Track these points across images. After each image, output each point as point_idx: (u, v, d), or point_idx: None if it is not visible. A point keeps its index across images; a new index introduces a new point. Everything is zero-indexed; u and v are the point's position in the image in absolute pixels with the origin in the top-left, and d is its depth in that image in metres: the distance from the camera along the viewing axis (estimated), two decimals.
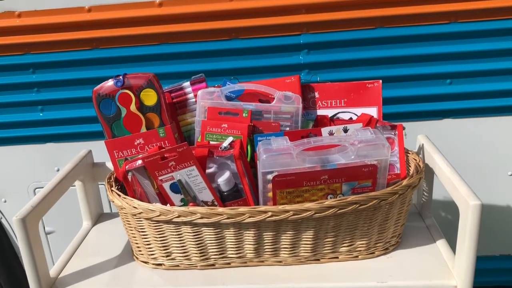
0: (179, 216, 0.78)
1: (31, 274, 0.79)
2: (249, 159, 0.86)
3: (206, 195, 0.82)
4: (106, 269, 0.87)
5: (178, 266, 0.85)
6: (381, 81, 0.94)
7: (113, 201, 0.82)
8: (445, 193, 0.82)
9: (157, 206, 0.79)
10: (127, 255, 0.90)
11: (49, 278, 0.83)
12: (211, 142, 0.88)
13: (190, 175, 0.80)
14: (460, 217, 0.76)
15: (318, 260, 0.84)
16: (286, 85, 0.93)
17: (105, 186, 0.86)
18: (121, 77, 0.86)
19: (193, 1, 1.12)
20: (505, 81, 1.16)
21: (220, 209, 0.77)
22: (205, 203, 0.82)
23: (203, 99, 0.90)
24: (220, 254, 0.83)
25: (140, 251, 0.86)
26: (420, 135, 0.97)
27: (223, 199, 0.83)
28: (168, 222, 0.79)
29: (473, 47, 1.14)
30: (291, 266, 0.84)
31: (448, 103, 1.18)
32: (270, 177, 0.77)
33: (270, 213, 0.76)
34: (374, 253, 0.85)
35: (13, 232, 1.35)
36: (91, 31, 1.15)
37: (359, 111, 0.94)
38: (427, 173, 0.92)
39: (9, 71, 1.20)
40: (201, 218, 0.77)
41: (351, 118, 0.95)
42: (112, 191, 0.84)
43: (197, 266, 0.84)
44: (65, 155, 1.24)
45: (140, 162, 0.81)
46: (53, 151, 1.27)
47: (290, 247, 0.82)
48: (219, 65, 1.16)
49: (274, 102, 0.90)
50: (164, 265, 0.85)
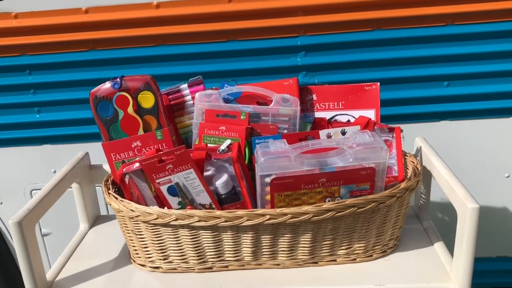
0: (176, 219, 0.77)
1: (27, 277, 0.79)
2: (247, 162, 0.86)
3: (203, 198, 0.81)
4: (103, 272, 0.86)
5: (175, 269, 0.84)
6: (379, 83, 0.94)
7: (110, 204, 0.82)
8: (442, 195, 0.83)
9: (155, 209, 0.79)
10: (124, 258, 0.90)
11: (46, 281, 0.83)
12: (208, 144, 0.88)
13: (187, 178, 0.80)
14: (458, 220, 0.76)
15: (316, 263, 0.84)
16: (284, 88, 0.93)
17: (102, 188, 0.86)
18: (119, 80, 0.85)
19: (190, 3, 1.11)
20: (503, 83, 1.16)
21: (217, 212, 0.77)
22: (203, 206, 0.82)
23: (200, 101, 0.90)
24: (217, 257, 0.83)
25: (137, 254, 0.86)
26: (417, 138, 0.97)
27: (221, 202, 0.83)
28: (165, 225, 0.79)
29: (471, 49, 1.14)
30: (289, 269, 0.84)
31: (445, 105, 1.19)
32: (268, 180, 0.77)
33: (268, 216, 0.76)
34: (372, 256, 0.85)
35: (9, 234, 1.34)
36: (88, 32, 1.14)
37: (357, 113, 0.94)
38: (425, 176, 0.92)
39: (5, 73, 1.20)
40: (199, 221, 0.77)
41: (349, 120, 0.95)
42: (109, 194, 0.83)
43: (194, 269, 0.84)
44: (62, 157, 1.23)
45: (137, 165, 0.80)
46: (50, 153, 1.27)
47: (288, 250, 0.82)
48: (217, 67, 1.16)
49: (272, 104, 0.90)
50: (161, 268, 0.85)
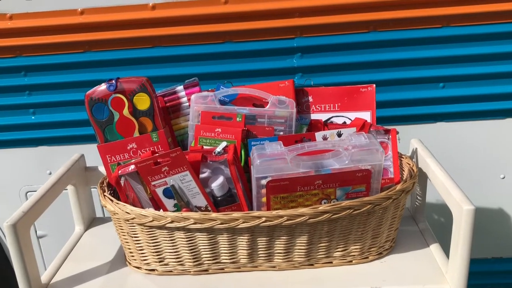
0: (172, 221, 0.77)
1: (22, 280, 0.78)
2: (243, 164, 0.86)
3: (199, 200, 0.81)
4: (98, 274, 0.86)
5: (171, 271, 0.84)
6: (374, 85, 0.94)
7: (106, 206, 0.81)
8: (438, 196, 0.83)
9: (150, 211, 0.78)
10: (120, 260, 0.90)
11: (41, 284, 0.82)
12: (204, 146, 0.88)
13: (183, 180, 0.79)
14: (453, 221, 0.76)
15: (312, 265, 0.84)
16: (280, 89, 0.93)
17: (98, 190, 0.86)
18: (114, 81, 0.85)
19: (186, 4, 1.11)
20: (498, 84, 1.17)
21: (213, 215, 0.77)
22: (199, 208, 0.82)
23: (196, 103, 0.90)
24: (213, 259, 0.83)
25: (132, 256, 0.86)
26: (413, 139, 0.98)
27: (217, 204, 0.82)
28: (161, 227, 0.79)
29: (466, 51, 1.14)
30: (285, 271, 0.84)
31: (441, 106, 1.19)
32: (264, 182, 0.77)
33: (264, 219, 0.76)
34: (368, 257, 0.85)
35: (4, 236, 1.33)
36: (84, 33, 1.14)
37: (353, 115, 0.94)
38: (421, 177, 0.92)
39: (0, 74, 1.19)
40: (195, 223, 0.77)
41: (344, 122, 0.95)
42: (104, 196, 0.83)
43: (190, 271, 0.84)
44: (57, 159, 1.23)
45: (133, 167, 0.80)
46: (45, 155, 1.26)
47: (284, 252, 0.82)
48: (213, 68, 1.16)
49: (268, 106, 0.90)
50: (157, 270, 0.84)
